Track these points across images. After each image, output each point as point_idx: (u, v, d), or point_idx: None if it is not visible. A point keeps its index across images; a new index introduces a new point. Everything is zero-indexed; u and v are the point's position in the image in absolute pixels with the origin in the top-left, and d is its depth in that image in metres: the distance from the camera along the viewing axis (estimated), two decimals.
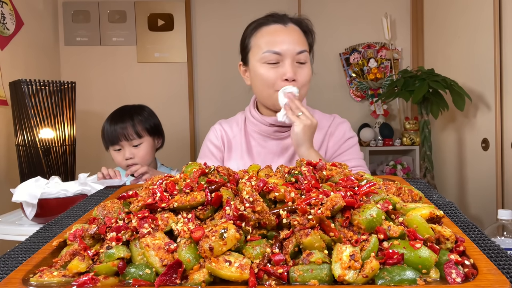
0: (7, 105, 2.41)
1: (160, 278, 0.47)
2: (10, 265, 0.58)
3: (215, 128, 1.37)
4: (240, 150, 1.30)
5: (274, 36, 1.17)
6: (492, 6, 2.11)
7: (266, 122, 1.26)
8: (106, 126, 1.63)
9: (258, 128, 1.28)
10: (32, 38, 2.74)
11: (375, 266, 0.47)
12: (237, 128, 1.34)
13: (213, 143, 1.34)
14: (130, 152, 1.60)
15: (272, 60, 1.16)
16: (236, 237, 0.50)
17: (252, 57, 1.22)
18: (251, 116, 1.30)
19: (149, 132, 1.64)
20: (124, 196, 0.69)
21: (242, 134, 1.32)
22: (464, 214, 0.70)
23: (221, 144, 1.33)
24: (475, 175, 2.40)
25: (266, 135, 1.28)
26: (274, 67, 1.17)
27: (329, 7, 3.14)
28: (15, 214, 1.58)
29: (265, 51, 1.16)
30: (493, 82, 2.13)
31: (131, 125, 1.61)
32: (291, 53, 1.16)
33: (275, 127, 1.26)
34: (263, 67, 1.18)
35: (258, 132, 1.29)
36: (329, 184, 0.64)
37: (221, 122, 1.38)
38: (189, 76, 3.17)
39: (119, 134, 1.59)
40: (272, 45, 1.16)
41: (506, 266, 0.53)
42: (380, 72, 3.11)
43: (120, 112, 1.67)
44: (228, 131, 1.34)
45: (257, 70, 1.19)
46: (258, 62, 1.19)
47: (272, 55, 1.15)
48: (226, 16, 3.20)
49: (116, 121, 1.62)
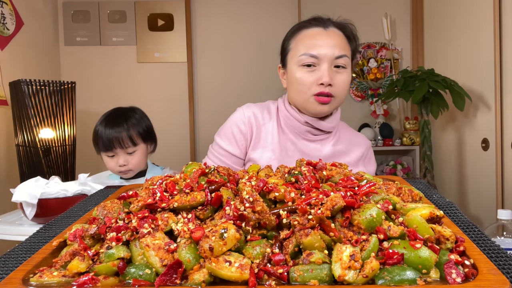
0: (7, 105, 2.41)
1: (160, 278, 0.47)
2: (10, 265, 0.58)
3: (244, 111, 1.26)
4: (271, 140, 1.23)
5: (313, 39, 1.14)
6: (492, 6, 2.11)
7: (301, 120, 1.21)
8: (99, 131, 1.58)
9: (291, 123, 1.23)
10: (32, 38, 2.74)
11: (375, 266, 0.47)
12: (268, 116, 1.26)
13: (239, 128, 1.24)
14: (124, 159, 1.58)
15: (308, 63, 1.13)
16: (236, 237, 0.50)
17: (290, 60, 1.19)
18: (285, 110, 1.24)
19: (143, 138, 1.62)
20: (124, 196, 0.69)
21: (275, 124, 1.25)
22: (464, 214, 0.70)
23: (248, 131, 1.24)
24: (475, 175, 2.40)
25: (297, 132, 1.24)
26: (311, 71, 1.14)
27: (328, 7, 3.14)
28: (15, 214, 1.58)
29: (302, 54, 1.14)
30: (493, 82, 2.13)
31: (125, 132, 1.57)
32: (329, 57, 1.12)
33: (308, 127, 1.22)
34: (299, 70, 1.15)
35: (290, 127, 1.24)
36: (329, 184, 0.64)
37: (251, 106, 1.28)
38: (189, 76, 3.17)
39: (113, 141, 1.55)
40: (310, 48, 1.13)
41: (506, 266, 0.53)
42: (380, 72, 3.11)
43: (114, 117, 1.62)
44: (258, 117, 1.25)
45: (293, 73, 1.16)
46: (295, 65, 1.16)
47: (309, 58, 1.13)
48: (226, 16, 3.20)
49: (110, 127, 1.57)
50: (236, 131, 1.24)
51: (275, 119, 1.26)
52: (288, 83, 1.23)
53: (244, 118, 1.25)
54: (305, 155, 1.23)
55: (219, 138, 1.27)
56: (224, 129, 1.27)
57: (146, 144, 1.64)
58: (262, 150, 1.22)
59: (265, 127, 1.25)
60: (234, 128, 1.25)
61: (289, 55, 1.20)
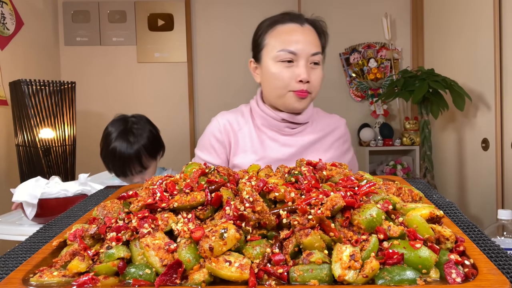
0: (7, 105, 2.42)
1: (160, 278, 0.47)
2: (10, 265, 0.58)
3: (218, 120, 1.28)
4: (250, 143, 1.24)
5: (290, 35, 1.16)
6: (492, 6, 2.11)
7: (277, 117, 1.23)
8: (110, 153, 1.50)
9: (267, 122, 1.25)
10: (32, 38, 2.74)
11: (375, 266, 0.47)
12: (243, 120, 1.28)
13: (215, 137, 1.26)
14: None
15: (286, 59, 1.14)
16: (236, 237, 0.50)
17: (265, 55, 1.20)
18: (259, 110, 1.26)
19: (154, 157, 1.58)
20: (124, 196, 0.69)
21: (251, 127, 1.26)
22: (464, 214, 0.70)
23: (225, 138, 1.25)
24: (475, 175, 2.40)
25: (275, 129, 1.25)
26: (288, 67, 1.15)
27: (329, 7, 3.14)
28: (15, 214, 1.58)
29: (280, 50, 1.15)
30: (493, 82, 2.13)
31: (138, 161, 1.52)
32: (306, 54, 1.14)
33: (286, 123, 1.24)
34: (276, 66, 1.16)
35: (267, 126, 1.25)
36: (329, 184, 0.64)
37: (224, 114, 1.30)
38: (189, 76, 3.17)
39: (126, 170, 1.52)
40: (287, 44, 1.14)
41: (506, 266, 0.53)
42: (380, 72, 3.11)
43: (125, 140, 1.51)
44: (233, 123, 1.27)
45: (270, 68, 1.17)
46: (271, 60, 1.17)
47: (287, 54, 1.14)
48: (226, 16, 3.20)
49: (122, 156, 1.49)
50: (213, 141, 1.26)
51: (251, 121, 1.27)
52: (263, 78, 1.23)
53: (220, 127, 1.26)
54: (289, 147, 1.24)
55: (199, 151, 1.29)
56: (202, 141, 1.29)
57: (157, 158, 1.63)
58: (244, 154, 1.24)
59: (241, 131, 1.26)
60: (211, 139, 1.26)
61: (264, 50, 1.20)
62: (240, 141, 1.25)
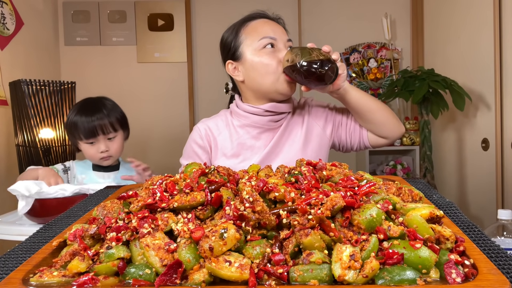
0: (7, 105, 2.41)
1: (160, 278, 0.47)
2: (10, 265, 0.58)
3: (199, 127, 1.33)
4: (230, 146, 1.27)
5: (265, 26, 1.22)
6: (492, 6, 2.11)
7: (261, 111, 1.24)
8: (78, 121, 1.58)
9: (250, 120, 1.26)
10: (32, 38, 2.74)
11: (375, 266, 0.47)
12: (222, 124, 1.31)
13: (197, 144, 1.31)
14: (105, 145, 1.60)
15: (269, 44, 1.19)
16: (236, 237, 0.50)
17: (245, 49, 1.21)
18: (241, 110, 1.28)
19: (120, 125, 1.65)
20: (124, 196, 0.69)
21: (232, 130, 1.29)
22: (464, 214, 0.70)
23: (206, 144, 1.30)
24: (475, 175, 2.40)
25: (259, 126, 1.26)
26: (272, 52, 1.19)
27: (329, 7, 3.14)
28: (15, 214, 1.58)
29: (261, 38, 1.19)
30: (493, 82, 2.13)
31: (106, 119, 1.59)
32: (283, 39, 1.22)
33: (270, 115, 1.25)
34: (261, 54, 1.19)
35: (250, 125, 1.27)
36: (329, 184, 0.64)
37: (205, 121, 1.35)
38: (189, 76, 3.17)
39: (96, 127, 1.57)
40: (265, 33, 1.20)
41: (506, 266, 0.53)
42: (380, 72, 3.11)
43: (91, 106, 1.63)
44: (213, 128, 1.31)
45: (254, 59, 1.20)
46: (254, 51, 1.20)
47: (268, 40, 1.19)
48: (226, 16, 3.18)
49: (90, 114, 1.58)
50: (196, 148, 1.31)
51: (231, 124, 1.30)
52: (248, 73, 1.23)
53: (201, 133, 1.31)
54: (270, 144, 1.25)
55: (183, 159, 1.33)
56: (186, 150, 1.35)
57: (123, 131, 1.67)
58: (225, 158, 1.27)
59: (221, 136, 1.30)
60: (193, 146, 1.31)
61: (243, 46, 1.22)
62: (220, 145, 1.29)
